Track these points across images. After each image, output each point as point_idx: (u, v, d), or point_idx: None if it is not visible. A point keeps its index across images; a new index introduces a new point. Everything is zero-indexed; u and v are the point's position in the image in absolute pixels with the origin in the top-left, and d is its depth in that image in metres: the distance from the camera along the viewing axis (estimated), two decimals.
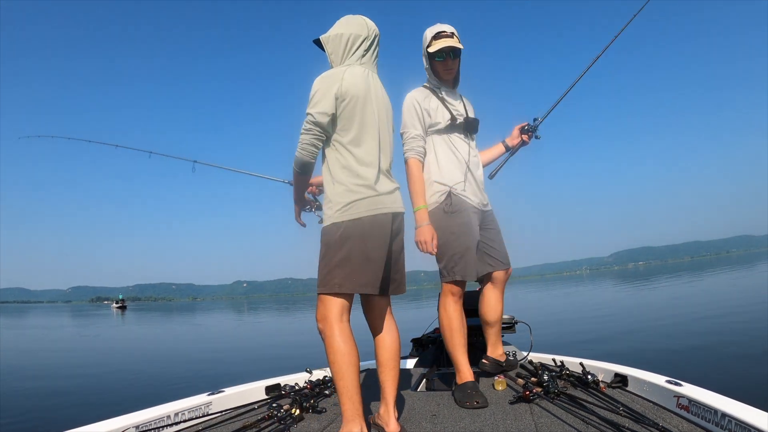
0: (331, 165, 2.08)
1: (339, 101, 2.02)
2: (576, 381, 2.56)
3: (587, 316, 16.04)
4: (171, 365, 10.49)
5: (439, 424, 2.12)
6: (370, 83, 2.12)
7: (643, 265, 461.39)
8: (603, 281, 55.91)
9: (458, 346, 2.55)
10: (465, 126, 2.68)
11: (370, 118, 2.09)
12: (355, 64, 2.12)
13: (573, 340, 9.36)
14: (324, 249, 2.03)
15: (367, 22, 2.19)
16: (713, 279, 29.22)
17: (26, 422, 5.40)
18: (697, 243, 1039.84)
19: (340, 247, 1.98)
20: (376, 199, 2.04)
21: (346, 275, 1.97)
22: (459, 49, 2.59)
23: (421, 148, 2.57)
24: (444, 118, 2.61)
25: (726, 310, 11.89)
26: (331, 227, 2.01)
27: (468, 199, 2.60)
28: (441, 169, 2.60)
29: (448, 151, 2.63)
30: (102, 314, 51.77)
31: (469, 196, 2.61)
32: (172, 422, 2.17)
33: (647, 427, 1.81)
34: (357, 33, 2.14)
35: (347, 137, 2.06)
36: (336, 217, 2.01)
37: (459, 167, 2.62)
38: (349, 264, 1.98)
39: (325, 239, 2.03)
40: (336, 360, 1.92)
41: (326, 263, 2.00)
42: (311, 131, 2.03)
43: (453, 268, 2.54)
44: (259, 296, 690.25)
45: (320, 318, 1.99)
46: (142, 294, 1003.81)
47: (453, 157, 2.63)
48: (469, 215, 2.58)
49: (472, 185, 2.66)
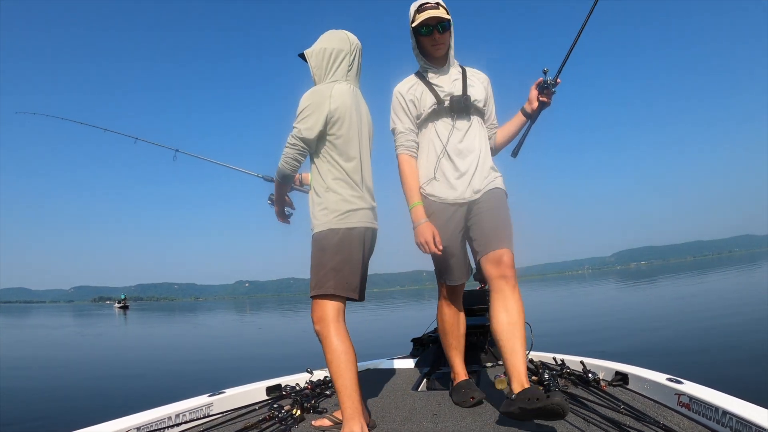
0: (323, 174, 2.13)
1: (329, 118, 2.08)
2: (577, 379, 2.57)
3: (588, 314, 16.03)
4: (172, 366, 10.49)
5: (440, 423, 2.12)
6: (356, 101, 2.18)
7: (645, 264, 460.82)
8: (604, 281, 55.87)
9: (451, 348, 2.54)
10: (451, 107, 2.32)
11: (355, 136, 2.16)
12: (341, 80, 2.18)
13: (573, 339, 9.35)
14: (319, 253, 2.08)
15: (349, 37, 2.25)
16: (715, 278, 29.19)
17: (27, 423, 5.41)
18: (699, 243, 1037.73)
19: (336, 252, 2.05)
20: (366, 212, 2.15)
21: (339, 279, 2.04)
22: (447, 21, 2.28)
23: (411, 143, 2.37)
24: (427, 105, 2.34)
25: (727, 309, 11.87)
26: (328, 233, 2.07)
27: (435, 198, 2.31)
28: (420, 167, 2.38)
29: (426, 143, 2.37)
30: (104, 314, 51.85)
31: (438, 193, 2.31)
32: (174, 423, 2.18)
33: (648, 425, 1.82)
34: (339, 48, 2.20)
35: (336, 152, 2.12)
36: (333, 223, 2.07)
37: (429, 161, 2.34)
38: (342, 269, 2.05)
39: (320, 243, 2.08)
40: (334, 360, 1.97)
41: (321, 266, 2.06)
42: (296, 146, 2.10)
43: (440, 273, 2.46)
44: (262, 296, 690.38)
45: (317, 320, 2.05)
46: (145, 294, 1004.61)
47: (427, 149, 2.36)
48: (440, 216, 2.30)
49: (446, 178, 2.31)
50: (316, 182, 2.16)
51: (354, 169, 2.14)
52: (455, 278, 2.42)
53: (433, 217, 2.29)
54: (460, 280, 2.42)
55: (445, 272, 2.43)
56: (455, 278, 2.42)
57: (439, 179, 2.31)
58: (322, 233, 2.08)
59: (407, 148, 2.36)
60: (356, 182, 2.14)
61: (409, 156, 2.36)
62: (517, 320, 2.03)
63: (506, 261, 2.13)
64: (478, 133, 2.37)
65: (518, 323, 2.02)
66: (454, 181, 2.30)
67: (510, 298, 2.07)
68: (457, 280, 2.42)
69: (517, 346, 1.99)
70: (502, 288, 2.10)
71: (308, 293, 2.10)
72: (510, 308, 2.05)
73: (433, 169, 2.32)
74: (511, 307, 2.05)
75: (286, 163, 2.13)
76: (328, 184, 2.11)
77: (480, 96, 2.38)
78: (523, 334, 2.02)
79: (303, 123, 2.08)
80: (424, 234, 2.22)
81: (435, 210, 2.30)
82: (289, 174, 2.18)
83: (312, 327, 2.06)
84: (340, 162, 2.12)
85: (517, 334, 2.01)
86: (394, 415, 2.30)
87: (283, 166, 2.15)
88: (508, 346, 2.00)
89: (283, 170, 2.16)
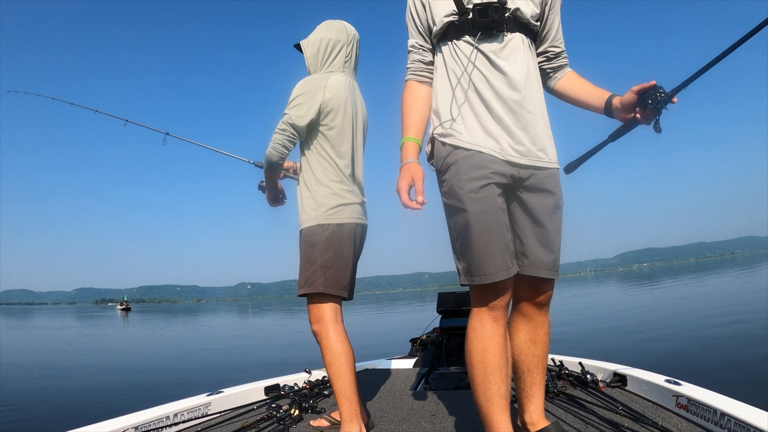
0: (313, 167, 2.08)
1: (323, 108, 2.03)
2: (575, 380, 2.56)
3: (587, 315, 16.00)
4: (171, 366, 10.50)
5: (439, 424, 2.12)
6: (351, 93, 2.13)
7: (647, 266, 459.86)
8: (606, 282, 55.78)
9: (494, 397, 1.48)
10: (473, 20, 1.52)
11: (349, 129, 2.11)
12: (337, 71, 2.13)
13: (572, 340, 9.34)
14: (308, 249, 2.02)
15: (347, 27, 2.19)
16: (716, 280, 29.10)
17: (26, 422, 5.41)
18: (702, 244, 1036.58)
19: (326, 248, 2.00)
20: (357, 207, 2.09)
21: (329, 277, 1.99)
22: None
23: (418, 64, 1.68)
24: (441, 14, 1.58)
25: (726, 311, 11.84)
26: (317, 228, 2.01)
27: (463, 142, 1.52)
28: (435, 99, 1.64)
29: (442, 68, 1.62)
30: (106, 316, 51.92)
31: (465, 137, 1.52)
32: (172, 423, 2.18)
33: (646, 426, 1.82)
34: (336, 38, 2.15)
35: (328, 145, 2.07)
36: (323, 218, 2.01)
37: (449, 91, 1.58)
38: (332, 266, 2.00)
39: (310, 239, 2.02)
40: (333, 361, 1.93)
41: (311, 263, 2.00)
42: (285, 132, 2.04)
43: (469, 266, 1.50)
44: (264, 297, 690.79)
45: (314, 320, 2.01)
46: (147, 296, 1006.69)
47: (446, 77, 1.60)
48: (468, 162, 1.50)
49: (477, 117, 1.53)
50: (306, 175, 2.08)
51: (346, 163, 2.08)
52: (493, 268, 1.46)
53: (455, 167, 1.51)
54: (501, 274, 1.46)
55: (481, 261, 1.47)
56: (493, 268, 1.46)
57: (469, 113, 1.54)
58: (311, 228, 2.01)
59: (413, 71, 1.70)
60: (347, 176, 2.08)
61: (413, 82, 1.69)
62: (543, 354, 1.71)
63: (548, 292, 1.66)
64: (524, 63, 1.54)
65: (545, 357, 1.72)
66: (487, 122, 1.52)
67: (540, 329, 1.69)
68: (496, 272, 1.46)
69: (539, 379, 1.71)
70: (533, 315, 1.68)
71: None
72: (538, 340, 1.69)
73: (449, 107, 1.57)
74: (540, 340, 1.69)
75: (274, 149, 2.05)
76: (318, 177, 2.04)
77: (528, 3, 1.56)
78: (546, 367, 1.75)
79: (295, 110, 2.02)
80: (401, 178, 1.54)
81: (458, 159, 1.51)
82: (276, 162, 2.09)
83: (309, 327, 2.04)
84: (331, 155, 2.06)
85: (542, 366, 1.71)
86: (392, 415, 2.29)
87: (270, 152, 2.07)
88: (529, 378, 1.71)
89: (270, 157, 2.08)
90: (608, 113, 1.62)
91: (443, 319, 3.73)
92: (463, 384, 2.88)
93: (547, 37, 1.68)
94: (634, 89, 1.50)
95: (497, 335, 1.50)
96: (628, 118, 1.56)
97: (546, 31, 1.67)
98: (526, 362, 1.69)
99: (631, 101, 1.52)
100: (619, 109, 1.57)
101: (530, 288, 1.64)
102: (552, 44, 1.68)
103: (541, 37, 1.67)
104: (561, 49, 1.70)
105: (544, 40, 1.68)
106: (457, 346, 3.56)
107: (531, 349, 1.68)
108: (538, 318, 1.67)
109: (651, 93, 1.47)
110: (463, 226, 1.49)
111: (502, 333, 1.51)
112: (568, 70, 1.72)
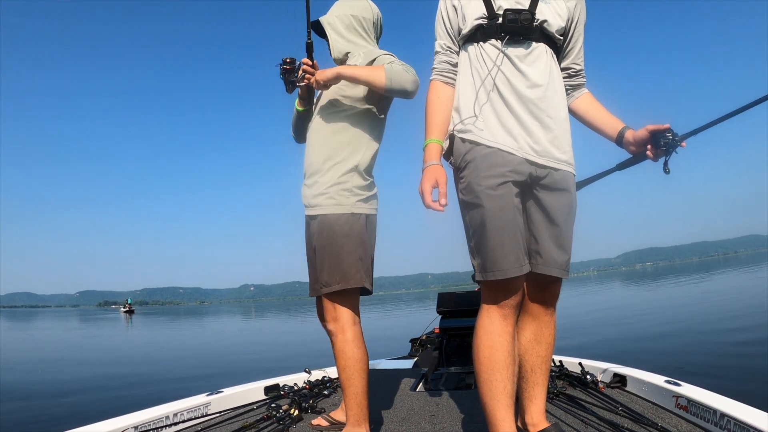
0: (361, 151, 1.92)
1: None
2: (575, 381, 2.56)
3: (587, 316, 15.96)
4: (171, 366, 10.52)
5: (438, 424, 2.12)
6: None
7: (650, 265, 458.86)
8: (609, 282, 55.67)
9: (499, 394, 1.49)
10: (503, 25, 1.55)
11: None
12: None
13: (572, 340, 9.31)
14: (341, 239, 1.84)
15: (371, 5, 2.04)
16: (718, 280, 29.00)
17: (26, 422, 5.42)
18: (705, 243, 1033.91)
19: (361, 239, 1.87)
20: (376, 199, 2.02)
21: (366, 269, 1.88)
22: None
23: (444, 65, 1.70)
24: (472, 16, 1.60)
25: (727, 311, 11.79)
26: (350, 217, 1.86)
27: (483, 140, 1.56)
28: (458, 98, 1.67)
29: (466, 68, 1.65)
30: (110, 318, 52.02)
31: (485, 135, 1.56)
32: (171, 422, 2.18)
33: (646, 427, 1.82)
34: (363, 15, 1.99)
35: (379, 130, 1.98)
36: (357, 207, 1.88)
37: (472, 91, 1.61)
38: (366, 258, 1.89)
39: (342, 228, 1.84)
40: (348, 366, 1.85)
41: (346, 254, 1.83)
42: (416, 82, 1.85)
43: (484, 261, 1.53)
44: (267, 299, 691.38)
45: (331, 319, 1.89)
46: (150, 298, 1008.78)
47: (470, 77, 1.63)
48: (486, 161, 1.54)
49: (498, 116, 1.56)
50: (343, 156, 1.90)
51: (377, 152, 1.99)
52: (507, 265, 1.49)
53: (474, 164, 1.55)
54: (515, 270, 1.49)
55: (490, 255, 1.51)
56: (507, 265, 1.49)
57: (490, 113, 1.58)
58: (342, 217, 1.84)
59: (439, 72, 1.71)
60: (373, 166, 1.99)
61: (439, 82, 1.70)
62: (547, 355, 1.73)
63: (556, 292, 1.70)
64: (545, 69, 1.58)
65: (548, 358, 1.75)
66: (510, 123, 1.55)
67: (546, 329, 1.71)
68: (510, 269, 1.49)
69: (541, 380, 1.73)
70: (540, 315, 1.70)
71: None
72: (543, 340, 1.71)
73: (472, 105, 1.60)
74: (545, 340, 1.71)
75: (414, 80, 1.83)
76: (360, 164, 1.90)
77: (556, 17, 1.60)
78: (549, 368, 1.77)
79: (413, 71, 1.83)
80: (424, 180, 1.58)
81: (477, 156, 1.55)
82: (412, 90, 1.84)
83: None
84: (375, 141, 1.95)
85: (545, 367, 1.74)
86: (392, 415, 2.29)
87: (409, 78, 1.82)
88: (532, 379, 1.72)
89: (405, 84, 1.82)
90: (619, 143, 1.69)
91: (443, 320, 3.72)
92: (463, 384, 2.88)
93: (570, 54, 1.72)
94: (649, 128, 1.59)
95: (506, 333, 1.53)
96: (638, 152, 1.65)
97: (570, 47, 1.71)
98: (530, 362, 1.70)
99: (644, 138, 1.60)
100: (630, 143, 1.64)
101: (539, 287, 1.67)
102: (574, 61, 1.73)
103: (565, 53, 1.71)
104: (581, 67, 1.75)
105: (567, 56, 1.72)
106: (457, 347, 3.56)
107: (535, 349, 1.70)
108: (544, 318, 1.70)
109: (664, 134, 1.56)
110: (479, 223, 1.52)
111: (510, 331, 1.54)
112: (585, 90, 1.77)
